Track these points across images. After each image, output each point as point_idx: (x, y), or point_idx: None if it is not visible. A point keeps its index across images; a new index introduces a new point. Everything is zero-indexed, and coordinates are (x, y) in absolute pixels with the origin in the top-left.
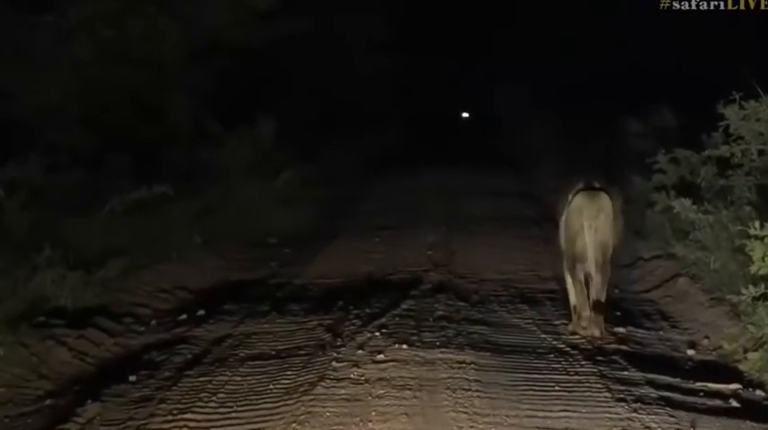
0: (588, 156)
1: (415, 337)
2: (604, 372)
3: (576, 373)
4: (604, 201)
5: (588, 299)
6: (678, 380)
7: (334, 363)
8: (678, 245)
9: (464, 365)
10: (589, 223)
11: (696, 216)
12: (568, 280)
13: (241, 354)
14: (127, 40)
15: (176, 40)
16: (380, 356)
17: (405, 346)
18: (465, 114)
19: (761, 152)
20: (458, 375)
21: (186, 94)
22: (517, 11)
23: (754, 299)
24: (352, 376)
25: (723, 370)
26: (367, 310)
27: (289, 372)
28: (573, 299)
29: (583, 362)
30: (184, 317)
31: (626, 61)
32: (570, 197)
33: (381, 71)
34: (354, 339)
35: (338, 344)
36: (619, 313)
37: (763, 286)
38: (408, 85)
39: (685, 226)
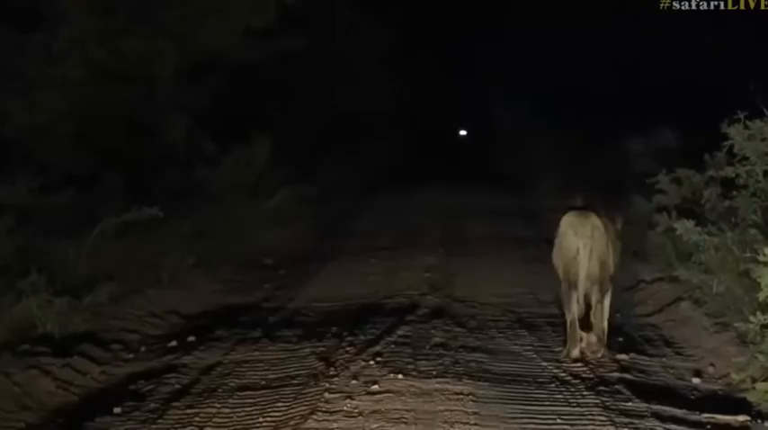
0: (588, 175)
1: (411, 366)
2: (608, 404)
3: (578, 405)
4: (596, 219)
5: (589, 320)
6: (684, 411)
7: (326, 394)
8: (681, 267)
9: (462, 397)
10: (584, 242)
11: (700, 238)
12: (565, 301)
13: (231, 384)
14: (121, 58)
15: (172, 59)
16: (375, 387)
17: (400, 376)
18: (462, 132)
19: (766, 173)
20: (455, 407)
21: (181, 112)
22: (513, 26)
23: (763, 326)
24: (345, 408)
25: (730, 400)
26: (361, 337)
27: (279, 404)
28: (570, 320)
29: (585, 393)
30: (174, 343)
31: (625, 77)
32: (560, 217)
33: (380, 88)
34: (348, 368)
35: (331, 373)
36: (621, 339)
37: None
38: (407, 102)
39: (688, 248)
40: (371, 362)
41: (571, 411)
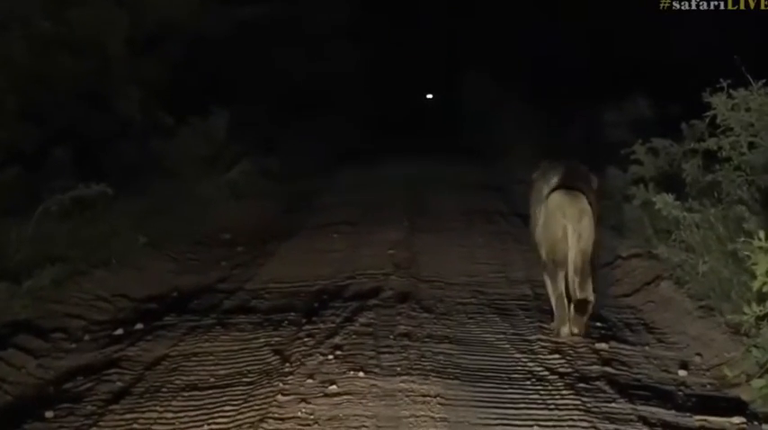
0: (559, 146)
1: (373, 361)
2: (589, 405)
3: (557, 407)
4: (584, 202)
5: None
6: (673, 413)
7: (279, 397)
8: (660, 245)
9: (429, 399)
10: (573, 227)
11: (681, 214)
12: (551, 279)
13: (177, 382)
14: (68, 30)
15: (123, 29)
16: (333, 388)
17: (361, 374)
18: (429, 96)
19: (751, 145)
20: (421, 412)
21: (136, 84)
22: None
23: (758, 318)
24: (299, 414)
25: (722, 398)
26: (320, 325)
27: (227, 408)
28: (556, 297)
29: (564, 392)
30: (120, 331)
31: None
32: (546, 193)
33: (345, 57)
34: (305, 364)
35: (286, 370)
36: (599, 323)
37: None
38: (374, 72)
39: (667, 223)
40: (330, 357)
41: (549, 415)
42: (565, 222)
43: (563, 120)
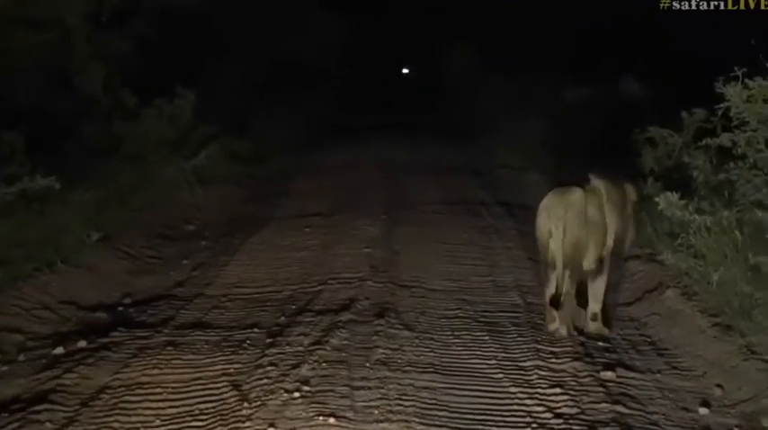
0: (542, 129)
1: (345, 402)
2: None
3: None
4: (575, 196)
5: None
6: None
7: None
8: (666, 250)
9: None
10: (556, 224)
11: (690, 217)
12: (543, 279)
13: (115, 425)
14: (23, 2)
15: (83, 3)
16: None
17: (332, 420)
18: (405, 70)
19: None
20: None
21: (99, 62)
22: None
23: None
24: None
25: None
26: (287, 348)
27: None
28: (546, 297)
29: None
30: (60, 350)
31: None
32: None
33: (322, 32)
34: (266, 405)
35: (244, 412)
36: (601, 344)
37: None
38: (350, 45)
39: (670, 224)
40: (296, 394)
41: None
42: (549, 222)
43: (545, 98)
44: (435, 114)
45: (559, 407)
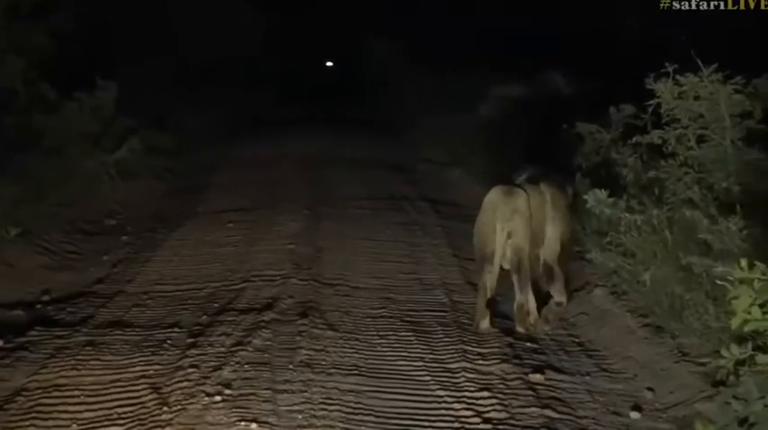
0: (467, 125)
1: (268, 405)
2: None
3: None
4: (520, 200)
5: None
6: None
7: None
8: (594, 249)
9: None
10: (502, 226)
11: (622, 215)
12: (478, 273)
13: None
14: None
15: None
16: None
17: (254, 426)
18: (329, 63)
19: (700, 138)
20: None
21: (16, 54)
22: None
23: (738, 363)
24: None
25: None
26: (208, 349)
27: None
28: (479, 290)
29: None
30: None
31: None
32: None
33: (245, 24)
34: (186, 409)
35: (163, 416)
36: (529, 344)
37: (749, 346)
38: (272, 38)
39: (598, 221)
40: (217, 398)
41: None
42: (494, 220)
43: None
44: (360, 108)
45: (488, 412)
